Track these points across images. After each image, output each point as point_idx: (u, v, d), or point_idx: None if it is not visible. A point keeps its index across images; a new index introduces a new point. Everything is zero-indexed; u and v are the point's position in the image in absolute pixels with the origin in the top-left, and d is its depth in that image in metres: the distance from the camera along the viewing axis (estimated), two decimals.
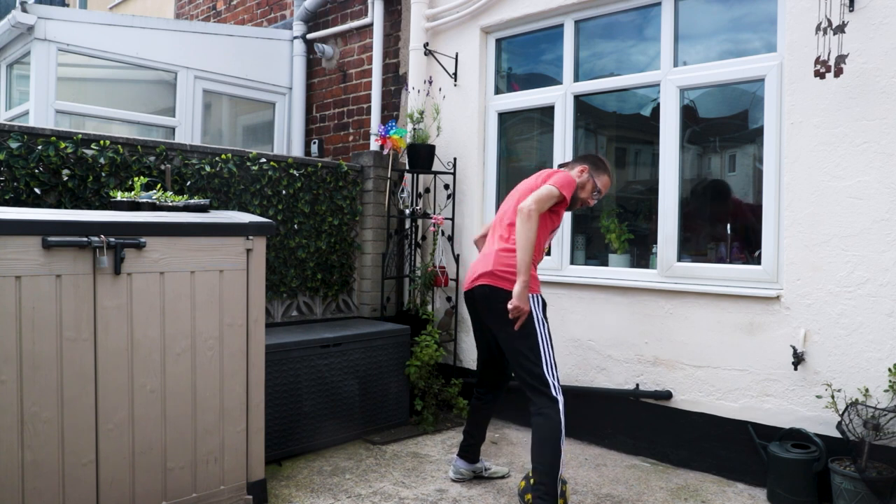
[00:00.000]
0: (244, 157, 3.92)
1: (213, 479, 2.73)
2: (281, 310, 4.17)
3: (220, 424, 2.74)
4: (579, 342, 3.93)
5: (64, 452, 2.32)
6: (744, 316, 3.33)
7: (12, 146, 3.01)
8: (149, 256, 2.51)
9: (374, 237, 4.59)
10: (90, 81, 4.94)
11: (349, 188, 4.48)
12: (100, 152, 3.29)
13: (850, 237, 3.02)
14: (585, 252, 4.21)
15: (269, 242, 4.00)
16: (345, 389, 3.78)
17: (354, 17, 5.47)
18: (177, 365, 2.61)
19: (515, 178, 4.71)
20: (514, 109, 4.49)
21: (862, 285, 2.99)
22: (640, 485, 3.27)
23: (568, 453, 3.74)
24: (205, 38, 5.31)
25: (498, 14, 4.40)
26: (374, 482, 3.24)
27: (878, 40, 2.94)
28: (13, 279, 2.20)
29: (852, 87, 3.01)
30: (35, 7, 4.43)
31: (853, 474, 2.78)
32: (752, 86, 3.48)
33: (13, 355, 2.21)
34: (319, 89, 5.80)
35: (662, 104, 3.69)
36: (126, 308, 2.46)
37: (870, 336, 2.97)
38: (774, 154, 3.30)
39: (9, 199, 3.01)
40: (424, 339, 4.15)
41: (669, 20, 3.69)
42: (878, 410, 2.82)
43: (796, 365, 3.13)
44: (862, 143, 3.00)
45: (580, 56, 4.17)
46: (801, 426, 3.12)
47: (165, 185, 3.47)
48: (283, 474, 3.31)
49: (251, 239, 2.83)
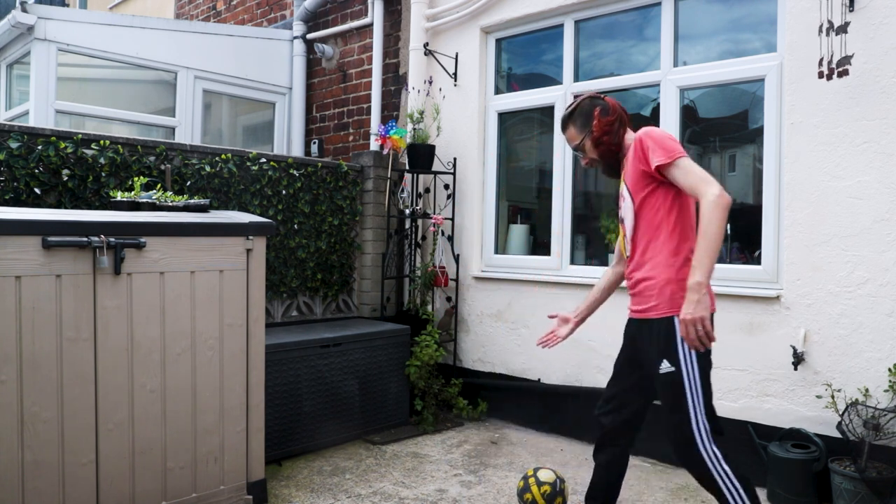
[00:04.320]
0: (244, 157, 3.92)
1: (213, 479, 2.72)
2: (281, 310, 4.17)
3: (220, 424, 2.74)
4: (579, 342, 3.93)
5: (64, 452, 2.32)
6: (744, 316, 3.32)
7: (12, 146, 3.01)
8: (149, 256, 2.51)
9: (374, 237, 4.59)
10: (90, 81, 4.94)
11: (349, 188, 4.48)
12: (100, 152, 3.29)
13: (850, 237, 3.02)
14: (585, 252, 4.21)
15: (269, 242, 4.00)
16: (345, 389, 3.78)
17: (354, 17, 5.47)
18: (177, 365, 2.61)
19: (515, 178, 4.73)
20: (514, 109, 4.49)
21: (862, 285, 2.99)
22: (640, 485, 3.26)
23: (568, 453, 3.74)
24: (205, 38, 5.31)
25: (498, 14, 4.39)
26: (374, 482, 3.24)
27: (879, 40, 2.94)
28: (13, 279, 2.20)
29: (852, 87, 3.01)
30: (35, 7, 4.43)
31: (853, 474, 2.78)
32: (752, 86, 3.48)
33: (13, 355, 2.20)
34: (319, 89, 5.80)
35: (662, 104, 3.69)
36: (126, 308, 2.46)
37: (870, 336, 2.97)
38: (774, 154, 3.30)
39: (9, 199, 3.01)
40: (424, 339, 4.15)
41: (669, 20, 3.69)
42: (878, 410, 2.82)
43: (796, 365, 3.13)
44: (862, 143, 3.00)
45: (580, 56, 4.17)
46: (801, 426, 3.12)
47: (165, 185, 3.47)
48: (283, 474, 3.31)
49: (251, 239, 2.83)
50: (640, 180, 2.22)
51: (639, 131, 2.24)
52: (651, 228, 2.22)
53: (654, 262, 2.21)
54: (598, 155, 2.35)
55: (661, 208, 2.20)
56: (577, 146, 2.38)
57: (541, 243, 4.45)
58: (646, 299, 2.22)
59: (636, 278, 2.28)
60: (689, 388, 2.11)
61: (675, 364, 2.12)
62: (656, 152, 2.13)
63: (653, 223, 2.22)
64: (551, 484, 2.77)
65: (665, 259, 2.19)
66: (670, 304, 2.15)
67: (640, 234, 2.26)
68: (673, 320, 2.14)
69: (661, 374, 2.15)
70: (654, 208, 2.21)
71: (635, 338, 2.31)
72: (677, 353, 2.12)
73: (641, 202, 2.23)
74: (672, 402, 2.14)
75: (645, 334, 2.24)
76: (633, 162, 2.24)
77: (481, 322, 4.46)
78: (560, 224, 4.15)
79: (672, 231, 2.19)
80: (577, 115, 2.36)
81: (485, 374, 4.44)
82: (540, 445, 3.88)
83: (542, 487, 2.77)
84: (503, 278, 4.35)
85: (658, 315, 2.18)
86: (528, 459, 3.61)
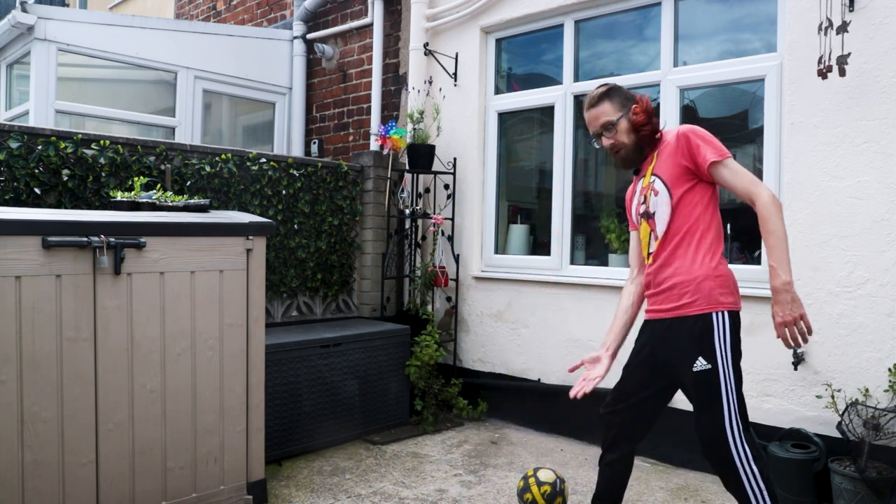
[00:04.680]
0: (244, 157, 3.92)
1: (213, 479, 2.72)
2: (281, 310, 4.17)
3: (220, 424, 2.74)
4: (579, 342, 3.93)
5: (64, 452, 2.32)
6: (744, 316, 3.30)
7: (12, 146, 3.01)
8: (149, 256, 2.51)
9: (374, 237, 4.59)
10: (90, 81, 4.94)
11: (349, 188, 4.48)
12: (100, 152, 3.29)
13: (850, 237, 3.02)
14: (585, 252, 4.21)
15: (269, 242, 4.00)
16: (345, 389, 3.78)
17: (354, 17, 5.47)
18: (177, 365, 2.61)
19: (515, 178, 4.73)
20: (514, 109, 4.49)
21: (862, 285, 2.99)
22: (640, 485, 3.26)
23: (568, 453, 3.74)
24: (205, 38, 5.31)
25: (498, 14, 4.40)
26: (374, 482, 3.24)
27: (878, 40, 2.94)
28: (13, 279, 2.20)
29: (852, 87, 3.01)
30: (35, 7, 4.43)
31: (853, 474, 2.78)
32: (752, 86, 3.48)
33: (13, 355, 2.20)
34: (319, 89, 5.80)
35: (662, 104, 3.69)
36: (126, 308, 2.46)
37: (870, 336, 2.97)
38: (774, 154, 3.30)
39: (9, 199, 3.01)
40: (424, 339, 4.15)
41: (669, 20, 3.69)
42: (878, 410, 2.82)
43: (796, 365, 3.13)
44: (862, 143, 3.00)
45: (580, 56, 4.17)
46: (801, 426, 3.12)
47: (165, 185, 3.47)
48: (283, 474, 3.31)
49: (251, 239, 2.83)
50: (681, 175, 2.17)
51: (679, 127, 2.21)
52: (687, 224, 2.17)
53: (687, 259, 2.16)
54: (632, 140, 2.24)
55: (698, 204, 2.17)
56: (609, 124, 2.24)
57: (541, 243, 4.45)
58: (678, 297, 2.16)
59: (664, 275, 2.20)
60: (725, 386, 2.08)
61: (711, 361, 2.09)
62: (707, 150, 2.11)
63: (689, 220, 2.17)
64: (551, 484, 2.77)
65: (701, 257, 2.15)
66: (708, 301, 2.12)
67: (674, 230, 2.19)
68: (711, 317, 2.11)
69: (697, 371, 2.10)
70: (692, 204, 2.17)
71: (662, 338, 2.22)
72: (714, 351, 2.09)
73: (680, 198, 2.17)
74: (706, 401, 2.10)
75: (677, 333, 2.17)
76: (672, 156, 2.18)
77: (481, 322, 4.46)
78: (560, 224, 4.15)
79: (707, 229, 2.16)
80: (616, 93, 2.27)
81: (485, 374, 4.44)
82: (540, 445, 3.88)
83: (542, 487, 2.77)
84: (503, 278, 4.35)
85: (696, 312, 2.13)
86: (528, 459, 3.62)
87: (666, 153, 2.20)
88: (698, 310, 2.12)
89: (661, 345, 2.23)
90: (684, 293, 2.15)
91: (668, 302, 2.20)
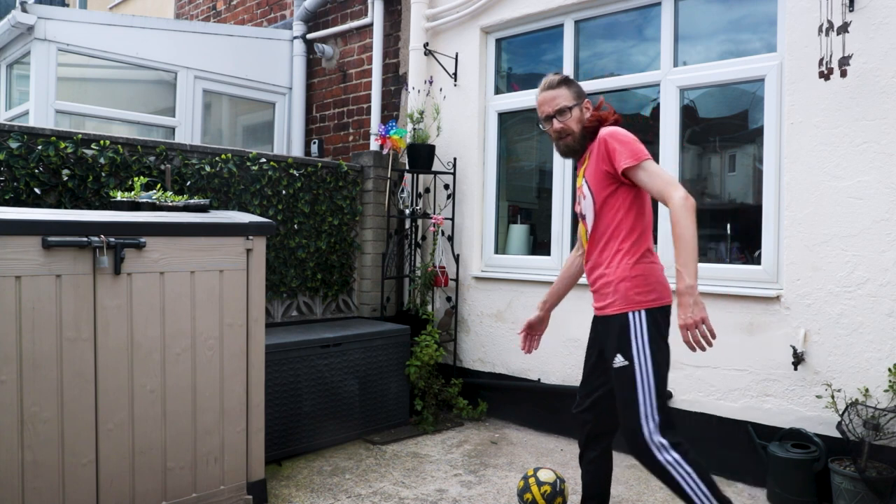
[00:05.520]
0: (244, 157, 3.92)
1: (213, 479, 2.72)
2: (281, 310, 4.17)
3: (220, 424, 2.74)
4: (579, 342, 3.93)
5: (64, 452, 2.32)
6: (744, 316, 3.32)
7: (12, 146, 3.01)
8: (149, 256, 2.51)
9: (374, 237, 4.59)
10: (90, 81, 4.94)
11: (349, 188, 4.48)
12: (100, 152, 3.29)
13: (850, 237, 3.02)
14: None
15: (269, 242, 4.00)
16: (345, 389, 3.78)
17: (354, 17, 5.47)
18: (177, 365, 2.61)
19: (515, 178, 4.73)
20: (514, 109, 4.49)
21: (862, 285, 2.99)
22: (640, 485, 3.26)
23: (568, 453, 3.74)
24: (205, 38, 5.31)
25: (498, 14, 4.40)
26: (374, 482, 3.24)
27: (878, 40, 2.94)
28: (13, 279, 2.20)
29: (852, 87, 3.01)
30: (35, 7, 4.43)
31: (853, 474, 2.78)
32: (752, 86, 3.48)
33: (13, 355, 2.20)
34: (319, 89, 5.80)
35: (662, 104, 3.69)
36: (126, 308, 2.46)
37: (870, 336, 2.97)
38: (774, 154, 3.30)
39: (9, 199, 3.01)
40: (424, 339, 4.15)
41: (669, 20, 3.69)
42: (878, 410, 2.82)
43: (796, 365, 3.13)
44: (862, 143, 3.00)
45: (580, 56, 4.17)
46: (801, 426, 3.12)
47: (165, 185, 3.47)
48: (283, 474, 3.31)
49: (251, 239, 2.83)
50: (602, 180, 2.25)
51: (602, 131, 2.25)
52: (610, 228, 2.27)
53: (610, 261, 2.27)
54: (579, 129, 2.32)
55: (620, 208, 2.25)
56: (565, 108, 2.31)
57: (541, 243, 4.45)
58: (603, 297, 2.29)
59: (594, 276, 2.34)
60: (641, 382, 2.17)
61: (628, 358, 2.19)
62: (623, 154, 2.16)
63: (612, 223, 2.26)
64: (551, 484, 2.78)
65: (621, 258, 2.24)
66: (625, 301, 2.22)
67: (600, 232, 2.30)
68: (627, 316, 2.21)
69: (616, 367, 2.22)
70: (615, 208, 2.25)
71: (602, 334, 2.35)
72: (630, 347, 2.19)
73: (603, 202, 2.27)
74: (624, 396, 2.20)
75: (605, 330, 2.30)
76: (596, 161, 2.26)
77: (481, 322, 4.46)
78: (560, 224, 4.15)
79: (630, 231, 2.24)
80: (573, 84, 2.37)
81: (485, 374, 4.44)
82: (540, 445, 3.88)
83: (542, 487, 2.77)
84: (503, 278, 4.35)
85: (614, 312, 2.24)
86: (528, 459, 3.62)
87: (593, 156, 2.28)
88: (617, 309, 2.24)
89: (601, 340, 2.35)
90: (606, 294, 2.28)
91: (598, 301, 2.34)
